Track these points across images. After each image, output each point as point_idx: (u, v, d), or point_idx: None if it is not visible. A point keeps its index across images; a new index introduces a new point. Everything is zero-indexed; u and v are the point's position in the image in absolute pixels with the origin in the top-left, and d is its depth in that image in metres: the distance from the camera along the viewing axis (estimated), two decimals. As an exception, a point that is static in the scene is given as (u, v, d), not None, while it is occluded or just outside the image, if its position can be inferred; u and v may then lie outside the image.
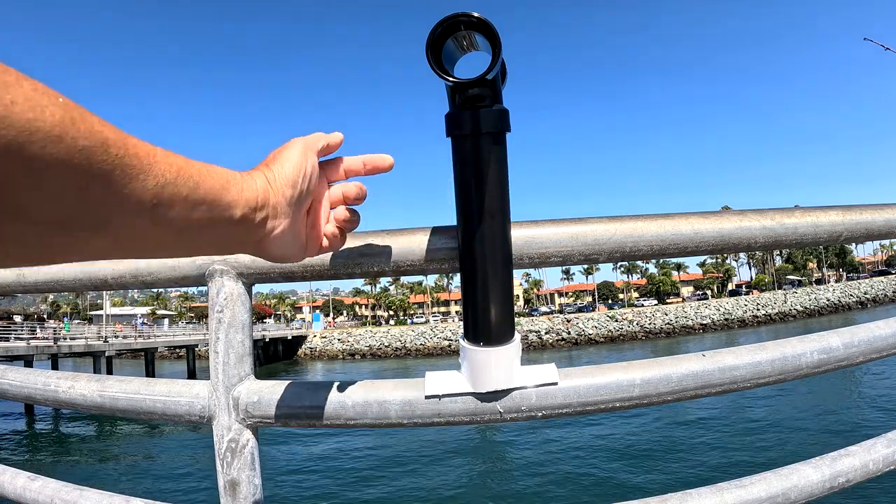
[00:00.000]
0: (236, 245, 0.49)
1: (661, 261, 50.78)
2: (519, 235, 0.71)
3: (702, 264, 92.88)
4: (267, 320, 77.05)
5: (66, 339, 33.55)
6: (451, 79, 0.55)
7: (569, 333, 52.38)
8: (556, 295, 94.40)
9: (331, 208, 0.61)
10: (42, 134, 0.29)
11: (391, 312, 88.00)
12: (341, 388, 0.74)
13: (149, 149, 0.37)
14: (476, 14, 0.53)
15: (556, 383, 0.71)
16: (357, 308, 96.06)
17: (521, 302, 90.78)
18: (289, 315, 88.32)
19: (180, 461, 13.54)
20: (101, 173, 0.33)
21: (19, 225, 0.31)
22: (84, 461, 14.62)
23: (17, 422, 21.34)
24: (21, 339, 31.72)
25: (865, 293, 58.06)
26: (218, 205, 0.43)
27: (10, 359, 24.85)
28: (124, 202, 0.35)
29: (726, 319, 53.88)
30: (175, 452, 14.68)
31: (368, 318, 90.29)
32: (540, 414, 0.71)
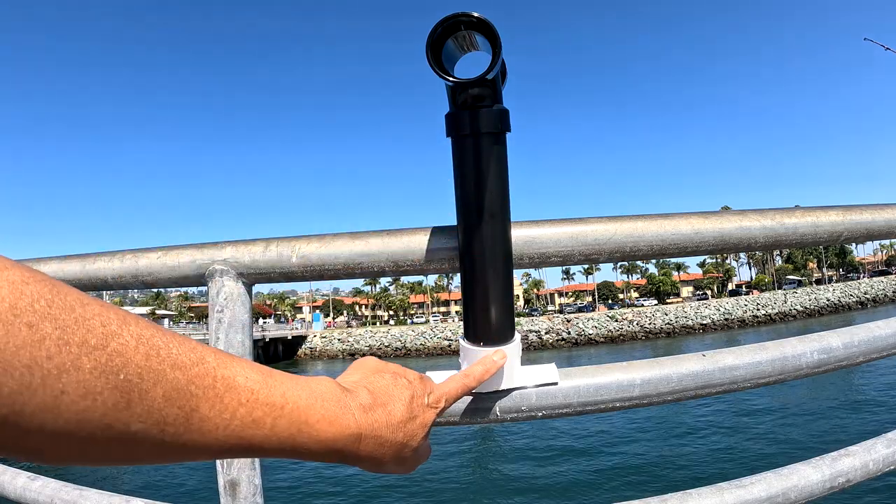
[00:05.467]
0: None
1: (661, 261, 50.81)
2: (519, 235, 0.71)
3: (702, 264, 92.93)
4: (267, 320, 77.08)
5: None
6: (451, 79, 0.55)
7: (569, 333, 52.39)
8: (556, 295, 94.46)
9: None
10: (88, 423, 0.28)
11: (391, 312, 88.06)
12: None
13: (220, 421, 0.34)
14: (476, 14, 0.53)
15: (556, 383, 0.71)
16: (357, 308, 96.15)
17: (521, 302, 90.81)
18: (289, 315, 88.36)
19: (180, 461, 13.51)
20: (149, 445, 0.31)
21: (51, 461, 0.30)
22: (84, 461, 14.58)
23: (17, 422, 21.29)
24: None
25: (865, 293, 58.09)
26: (295, 452, 0.40)
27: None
28: (175, 457, 0.34)
29: (726, 319, 53.89)
30: (175, 452, 14.65)
31: (369, 318, 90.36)
32: (540, 414, 0.71)
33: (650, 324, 53.45)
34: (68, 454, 0.29)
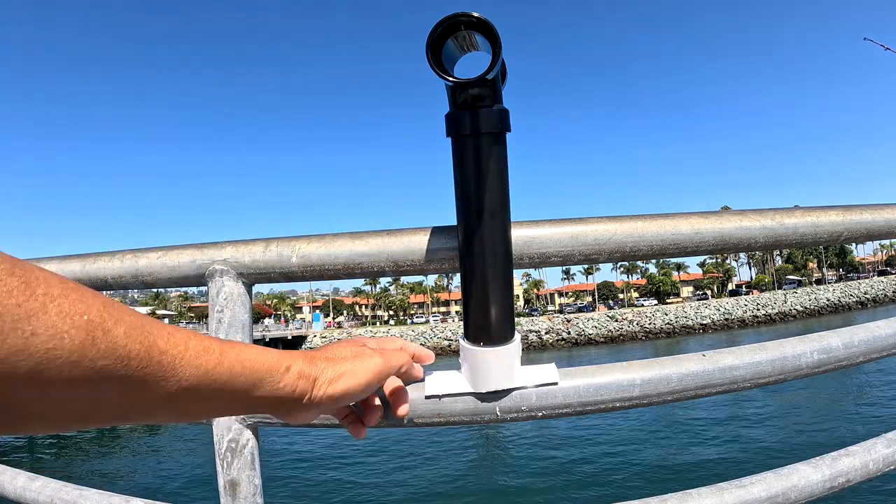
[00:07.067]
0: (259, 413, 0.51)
1: (661, 261, 50.78)
2: (519, 235, 0.71)
3: (702, 264, 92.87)
4: (267, 320, 77.07)
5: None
6: (451, 79, 0.55)
7: (569, 333, 52.38)
8: (556, 295, 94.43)
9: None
10: (60, 361, 0.30)
11: (391, 312, 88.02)
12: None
13: (176, 352, 0.38)
14: (476, 14, 0.53)
15: (556, 383, 0.71)
16: (357, 308, 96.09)
17: (521, 302, 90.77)
18: (289, 315, 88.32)
19: (180, 461, 13.55)
20: (117, 384, 0.34)
21: (35, 423, 0.33)
22: (84, 461, 14.62)
23: (17, 422, 21.29)
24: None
25: (865, 293, 58.06)
26: (243, 399, 0.44)
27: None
28: (142, 402, 0.37)
29: (726, 319, 53.87)
30: (175, 452, 14.69)
31: (369, 318, 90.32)
32: (540, 414, 0.71)
33: (650, 324, 53.42)
34: (45, 408, 0.31)
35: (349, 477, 11.01)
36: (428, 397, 0.70)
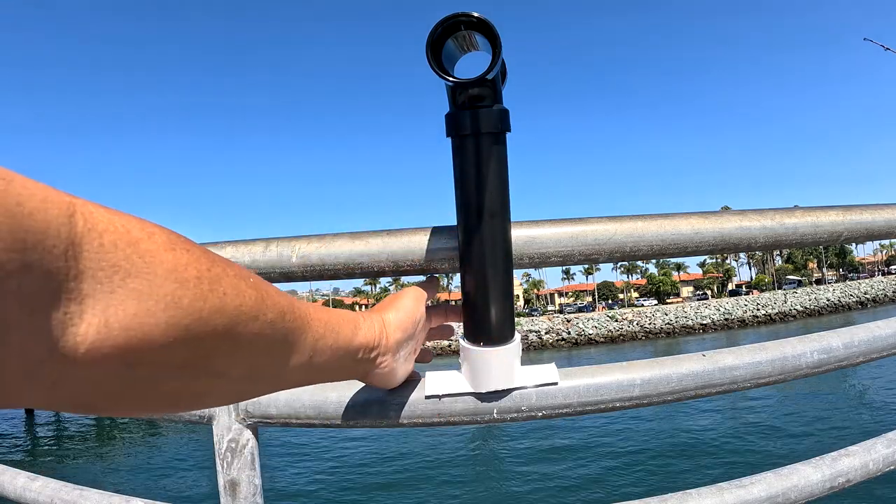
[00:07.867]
0: (348, 375, 0.56)
1: (661, 261, 50.77)
2: (519, 235, 0.71)
3: (702, 264, 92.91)
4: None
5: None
6: (451, 79, 0.55)
7: (569, 333, 52.37)
8: (556, 295, 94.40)
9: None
10: (245, 317, 0.34)
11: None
12: (341, 388, 0.74)
13: (305, 309, 0.43)
14: (476, 14, 0.53)
15: (556, 383, 0.71)
16: (357, 308, 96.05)
17: (521, 302, 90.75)
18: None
19: (180, 461, 13.55)
20: (280, 337, 0.39)
21: (213, 381, 0.35)
22: (84, 461, 14.62)
23: (18, 422, 21.34)
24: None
25: (865, 293, 58.06)
26: (348, 349, 0.50)
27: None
28: (293, 357, 0.41)
29: (726, 319, 53.87)
30: (175, 452, 14.69)
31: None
32: (540, 414, 0.71)
33: (650, 324, 53.42)
34: (228, 364, 0.35)
35: (349, 477, 11.01)
36: (428, 397, 0.70)
